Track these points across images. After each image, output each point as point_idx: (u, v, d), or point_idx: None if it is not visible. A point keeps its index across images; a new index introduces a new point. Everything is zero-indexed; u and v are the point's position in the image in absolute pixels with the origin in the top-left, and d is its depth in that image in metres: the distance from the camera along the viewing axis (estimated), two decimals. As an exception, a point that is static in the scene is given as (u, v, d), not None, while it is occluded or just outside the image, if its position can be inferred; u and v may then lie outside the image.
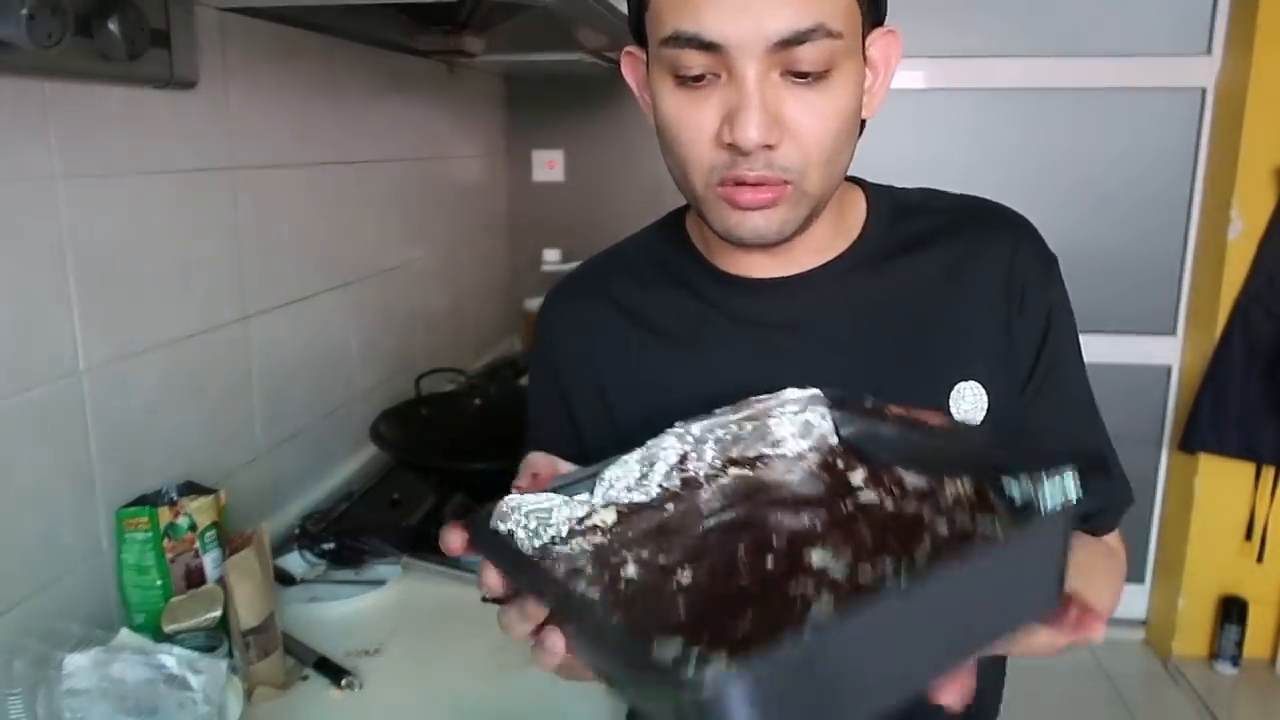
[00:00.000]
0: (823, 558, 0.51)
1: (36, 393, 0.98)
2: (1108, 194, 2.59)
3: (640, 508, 0.57)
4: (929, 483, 0.55)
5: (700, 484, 0.59)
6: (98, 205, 1.05)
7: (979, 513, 0.51)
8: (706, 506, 0.57)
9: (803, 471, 0.60)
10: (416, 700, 1.05)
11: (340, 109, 1.61)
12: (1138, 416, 2.66)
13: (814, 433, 0.62)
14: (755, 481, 0.59)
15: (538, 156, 2.68)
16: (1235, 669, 2.53)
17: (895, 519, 0.54)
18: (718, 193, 0.66)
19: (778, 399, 0.62)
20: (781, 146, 0.63)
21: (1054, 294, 0.75)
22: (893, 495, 0.56)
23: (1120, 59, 2.50)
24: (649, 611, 0.48)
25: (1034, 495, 0.49)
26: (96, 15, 0.95)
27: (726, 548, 0.53)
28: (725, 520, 0.56)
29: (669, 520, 0.56)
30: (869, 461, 0.59)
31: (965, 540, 0.49)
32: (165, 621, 1.02)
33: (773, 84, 0.62)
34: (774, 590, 0.49)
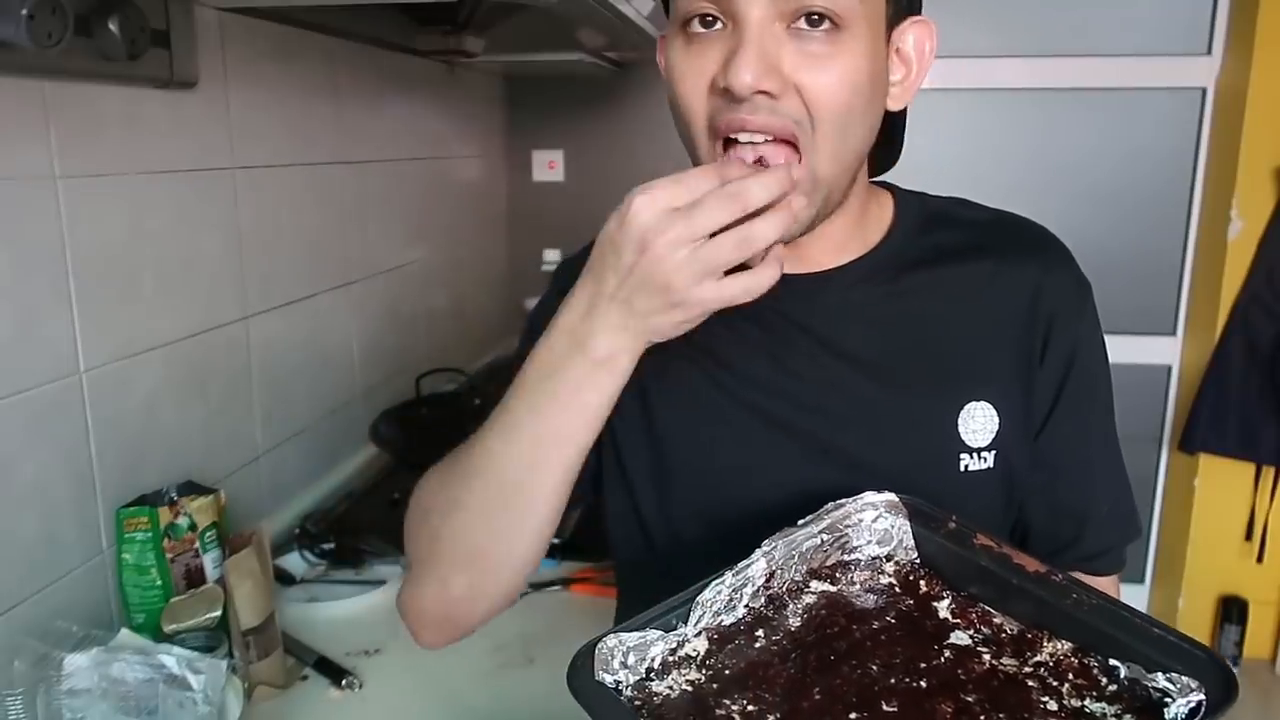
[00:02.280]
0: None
1: (36, 393, 0.98)
2: (1108, 194, 2.59)
3: (731, 634, 0.55)
4: (1022, 630, 0.53)
5: (786, 602, 0.57)
6: (98, 205, 1.05)
7: (1086, 692, 0.49)
8: (796, 638, 0.55)
9: (883, 590, 0.58)
10: (416, 700, 1.05)
11: (340, 109, 1.61)
12: (1138, 416, 2.65)
13: (892, 541, 0.60)
14: (841, 602, 0.57)
15: (538, 156, 2.67)
16: (1235, 669, 2.53)
17: (995, 678, 0.51)
18: (720, 148, 0.63)
19: (855, 503, 0.60)
20: (784, 98, 0.60)
21: (1083, 326, 0.73)
22: (985, 640, 0.54)
23: (1120, 59, 2.50)
24: None
25: (1147, 689, 0.48)
26: (96, 15, 0.95)
27: (833, 710, 0.49)
28: (822, 666, 0.53)
29: (761, 655, 0.54)
30: (952, 588, 0.57)
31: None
32: (165, 621, 1.02)
33: (775, 33, 0.60)
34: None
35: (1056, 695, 0.49)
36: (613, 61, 2.23)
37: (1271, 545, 2.49)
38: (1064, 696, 0.49)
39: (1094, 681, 0.49)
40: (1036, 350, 0.72)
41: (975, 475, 0.71)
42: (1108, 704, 0.48)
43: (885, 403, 0.71)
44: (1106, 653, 0.50)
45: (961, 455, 0.71)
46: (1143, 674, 0.49)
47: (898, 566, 0.59)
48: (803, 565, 0.58)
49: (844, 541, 0.60)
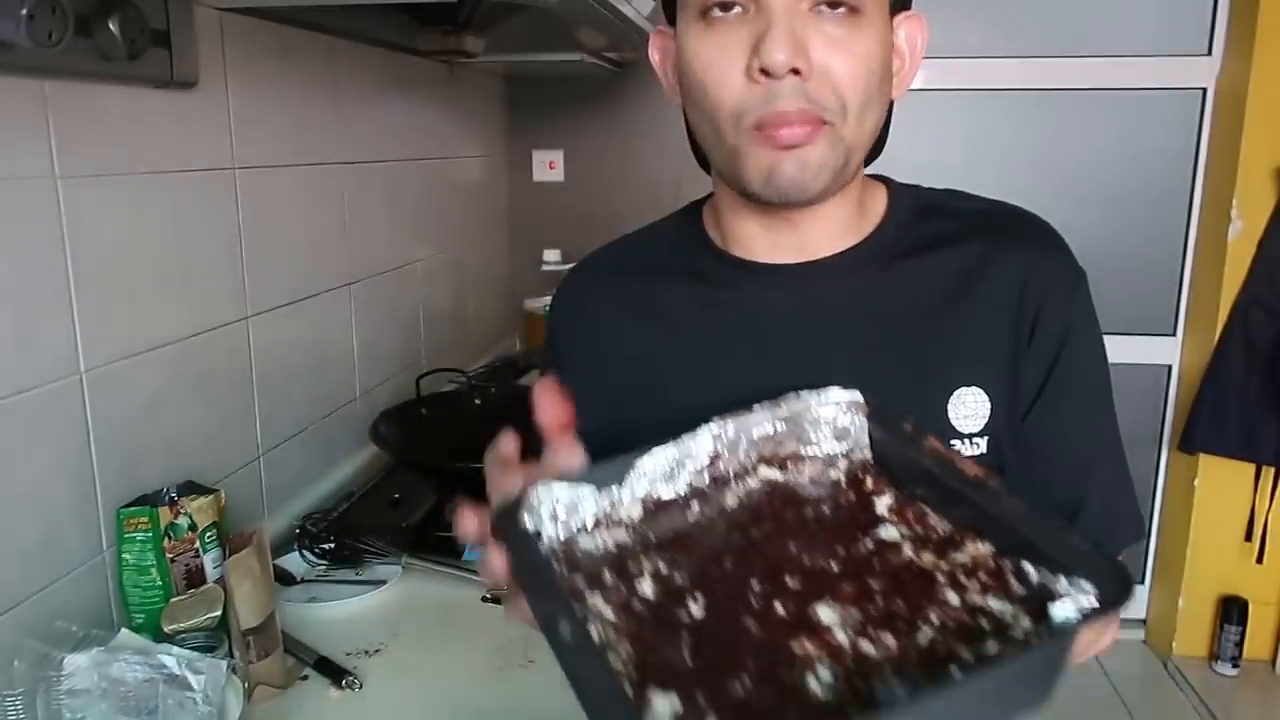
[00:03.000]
0: (830, 616, 0.50)
1: (36, 393, 0.98)
2: (1108, 194, 2.59)
3: (666, 505, 0.56)
4: (952, 532, 0.55)
5: (728, 482, 0.58)
6: (98, 205, 1.05)
7: (991, 591, 0.50)
8: (729, 517, 0.56)
9: (829, 484, 0.59)
10: (416, 700, 1.05)
11: (340, 109, 1.61)
12: (1138, 416, 2.66)
13: (849, 438, 0.61)
14: (782, 489, 0.59)
15: (538, 156, 2.68)
16: (1235, 669, 2.53)
17: (909, 570, 0.53)
18: (753, 136, 0.64)
19: (818, 397, 0.61)
20: (812, 80, 0.62)
21: (1075, 312, 0.73)
22: (913, 536, 0.55)
23: (1120, 59, 2.50)
24: (652, 649, 0.48)
25: (1051, 592, 0.49)
26: (96, 15, 0.95)
27: (740, 579, 0.52)
28: (744, 542, 0.55)
29: (691, 528, 0.56)
30: (897, 488, 0.58)
31: (971, 617, 0.49)
32: (165, 621, 1.02)
33: (800, 14, 0.62)
34: (778, 644, 0.48)
35: (961, 591, 0.50)
36: (613, 61, 2.23)
37: (1271, 545, 2.49)
38: (968, 592, 0.50)
39: (1004, 583, 0.51)
40: (1025, 333, 0.72)
41: None
42: (1009, 603, 0.49)
43: (874, 388, 0.71)
44: (1024, 557, 0.51)
45: (952, 441, 0.71)
46: (1049, 578, 0.50)
47: (850, 464, 0.60)
48: (754, 450, 0.60)
49: (801, 434, 0.61)
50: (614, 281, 0.80)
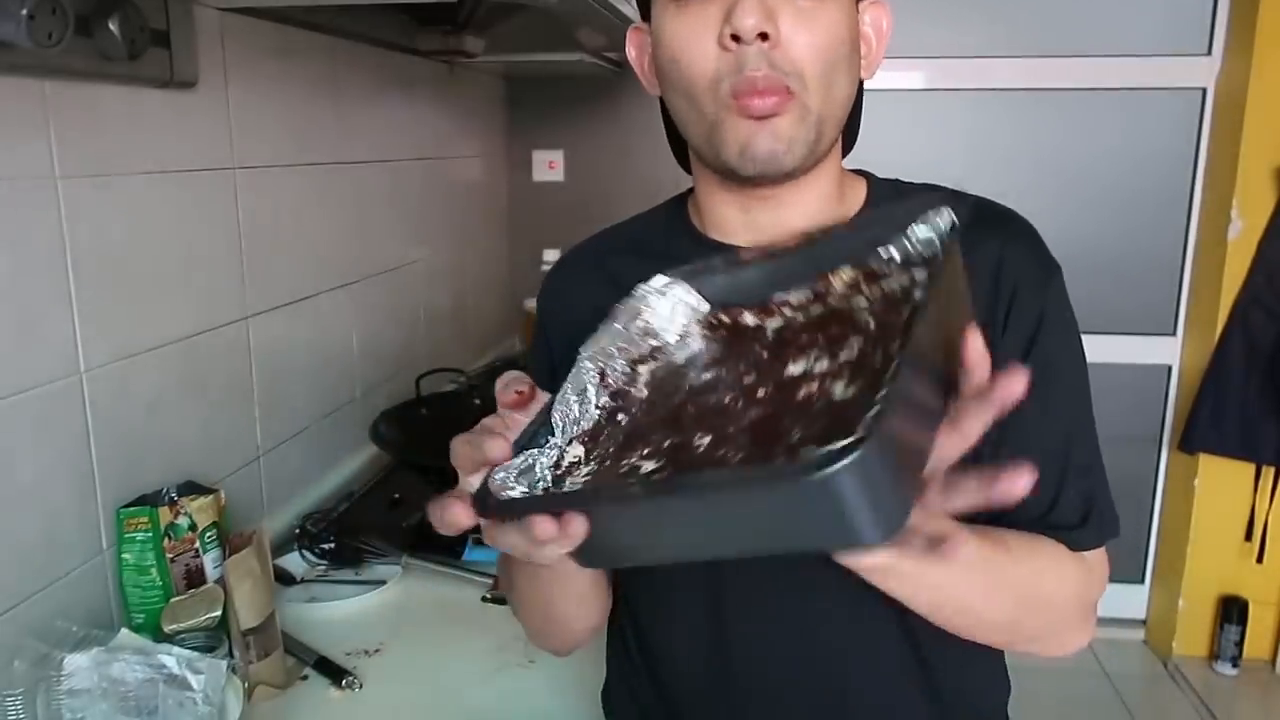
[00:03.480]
0: (799, 365, 0.55)
1: (36, 393, 0.98)
2: (1108, 194, 2.59)
3: (598, 431, 0.59)
4: (813, 288, 0.61)
5: (628, 390, 0.62)
6: (98, 205, 1.05)
7: (879, 281, 0.58)
8: (652, 403, 0.60)
9: (698, 344, 0.64)
10: (416, 700, 1.05)
11: (340, 109, 1.61)
12: (1138, 416, 2.65)
13: (683, 310, 0.66)
14: (668, 367, 0.63)
15: (538, 156, 2.68)
16: (1235, 669, 2.53)
17: (821, 320, 0.59)
18: (730, 107, 0.67)
19: (639, 292, 0.66)
20: (779, 49, 0.65)
21: (1049, 302, 0.73)
22: (797, 310, 0.62)
23: (1120, 59, 2.50)
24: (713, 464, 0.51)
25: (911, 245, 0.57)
26: (96, 15, 0.95)
27: (714, 406, 0.56)
28: (683, 398, 0.59)
29: (635, 424, 0.59)
30: (748, 306, 0.64)
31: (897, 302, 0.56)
32: (165, 621, 1.02)
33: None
34: (790, 405, 0.52)
35: (865, 297, 0.58)
36: (613, 61, 2.23)
37: (1271, 545, 2.49)
38: (869, 296, 0.58)
39: (879, 273, 0.59)
40: (1000, 321, 0.72)
41: None
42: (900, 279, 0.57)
43: None
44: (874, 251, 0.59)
45: None
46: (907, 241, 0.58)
47: (700, 321, 0.66)
48: (622, 358, 0.63)
49: (648, 329, 0.65)
50: (597, 265, 0.82)
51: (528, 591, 0.79)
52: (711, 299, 0.66)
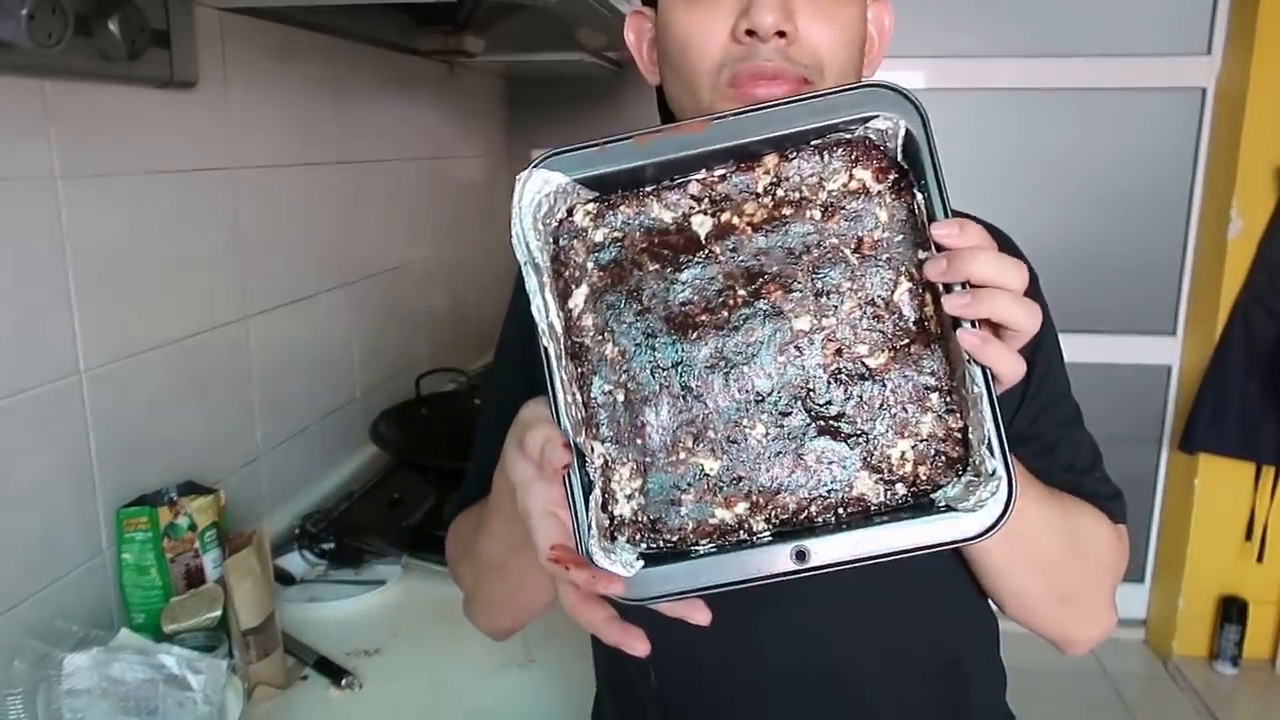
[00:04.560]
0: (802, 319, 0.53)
1: (36, 393, 0.98)
2: (1108, 194, 2.59)
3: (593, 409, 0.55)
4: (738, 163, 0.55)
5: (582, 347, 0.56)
6: (98, 205, 1.05)
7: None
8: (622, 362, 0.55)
9: (603, 243, 0.57)
10: (416, 700, 1.05)
11: (340, 109, 1.61)
12: (1138, 416, 2.65)
13: (566, 197, 0.59)
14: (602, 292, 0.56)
15: (537, 157, 2.67)
16: (1235, 669, 2.53)
17: (771, 225, 0.54)
18: (726, 92, 0.65)
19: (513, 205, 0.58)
20: (796, 42, 0.64)
21: (1036, 297, 0.74)
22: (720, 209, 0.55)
23: (1120, 59, 2.50)
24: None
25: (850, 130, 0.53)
26: (96, 15, 0.95)
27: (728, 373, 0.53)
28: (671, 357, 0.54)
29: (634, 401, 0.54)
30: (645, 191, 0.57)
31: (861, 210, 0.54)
32: (165, 621, 1.02)
33: None
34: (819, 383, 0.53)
35: (812, 205, 0.54)
36: (613, 61, 2.23)
37: (1271, 545, 2.49)
38: (817, 206, 0.54)
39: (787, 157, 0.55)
40: None
41: None
42: (840, 177, 0.54)
43: None
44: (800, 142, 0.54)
45: None
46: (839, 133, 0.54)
47: (591, 214, 0.58)
48: (554, 303, 0.56)
49: (546, 250, 0.58)
50: None
51: (496, 585, 0.78)
52: (598, 187, 0.58)
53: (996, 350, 0.50)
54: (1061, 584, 0.71)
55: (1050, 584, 0.71)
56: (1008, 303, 0.50)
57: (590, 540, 0.52)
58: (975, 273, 0.50)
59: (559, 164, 0.58)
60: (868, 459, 0.53)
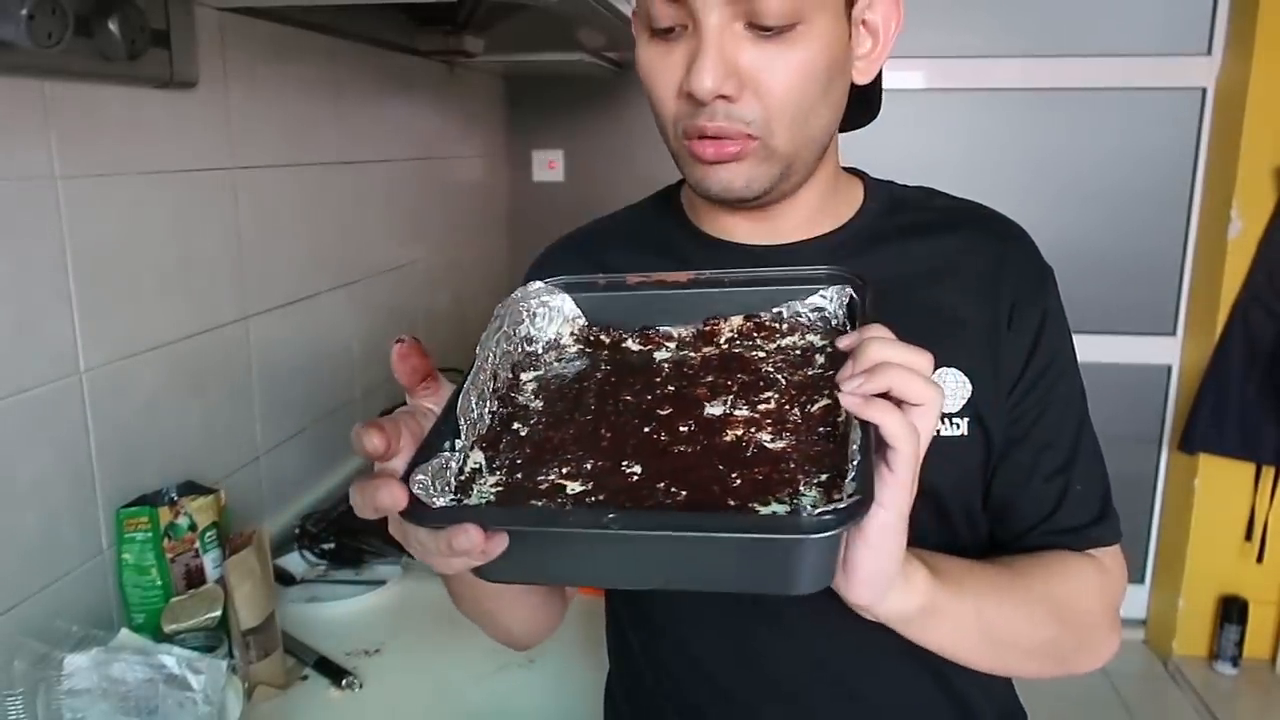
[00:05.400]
0: (718, 407, 0.56)
1: (36, 393, 0.98)
2: (1108, 194, 2.59)
3: (495, 438, 0.58)
4: (698, 328, 0.64)
5: (514, 396, 0.62)
6: (98, 205, 1.05)
7: (773, 337, 0.62)
8: (554, 416, 0.59)
9: (577, 355, 0.65)
10: (416, 700, 1.05)
11: (340, 109, 1.61)
12: (1138, 416, 2.65)
13: (560, 316, 0.67)
14: (558, 380, 0.63)
15: (538, 156, 2.68)
16: (1235, 669, 2.53)
17: (718, 360, 0.61)
18: (684, 146, 0.66)
19: (519, 295, 0.67)
20: (741, 99, 0.63)
21: (1050, 305, 0.74)
22: (680, 346, 0.63)
23: (1120, 59, 2.50)
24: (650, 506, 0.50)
25: (806, 310, 0.62)
26: (96, 15, 0.95)
27: (634, 434, 0.56)
28: (591, 417, 0.58)
29: (541, 437, 0.57)
30: (625, 329, 0.66)
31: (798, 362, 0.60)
32: (165, 621, 1.02)
33: (734, 34, 0.62)
34: (719, 447, 0.53)
35: (760, 349, 0.61)
36: (613, 61, 2.23)
37: (1271, 545, 2.49)
38: (764, 349, 0.61)
39: (771, 328, 0.63)
40: (1003, 317, 0.73)
41: (948, 441, 0.72)
42: (792, 338, 0.61)
43: None
44: (767, 307, 0.63)
45: None
46: (796, 305, 0.63)
47: (574, 334, 0.67)
48: (507, 364, 0.64)
49: (528, 335, 0.66)
50: (587, 255, 0.81)
51: (468, 603, 0.77)
52: (589, 315, 0.67)
53: (882, 407, 0.50)
54: (1060, 650, 0.71)
55: (1051, 659, 0.72)
56: (903, 376, 0.51)
57: (417, 475, 0.52)
58: (875, 356, 0.52)
59: (562, 285, 0.68)
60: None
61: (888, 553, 0.54)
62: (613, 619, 0.89)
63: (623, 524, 0.45)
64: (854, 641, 0.75)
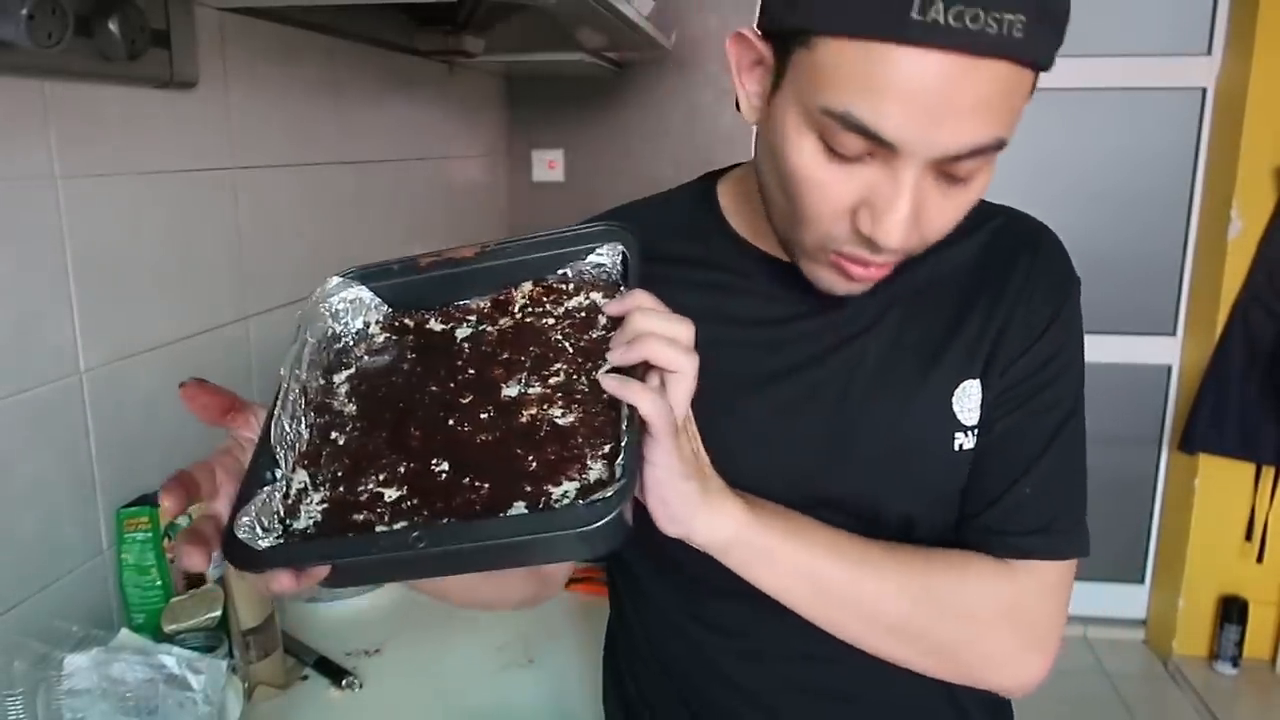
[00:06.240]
0: (514, 388, 0.59)
1: (36, 393, 0.98)
2: (1107, 194, 2.59)
3: (315, 452, 0.59)
4: (494, 298, 0.66)
5: (329, 403, 0.63)
6: (98, 205, 1.05)
7: (560, 299, 0.65)
8: (367, 420, 0.61)
9: (384, 345, 0.66)
10: (416, 700, 1.05)
11: (340, 109, 1.61)
12: (1138, 416, 2.66)
13: (363, 307, 0.68)
14: (366, 375, 0.64)
15: (538, 156, 2.68)
16: (1235, 669, 2.53)
17: (511, 333, 0.63)
18: (829, 259, 0.63)
19: (314, 299, 0.68)
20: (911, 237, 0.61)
21: (1063, 310, 0.72)
22: (479, 320, 0.65)
23: (1120, 59, 2.50)
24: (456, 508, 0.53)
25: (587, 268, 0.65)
26: (96, 15, 0.95)
27: (439, 427, 0.58)
28: (399, 415, 0.60)
29: (357, 445, 0.59)
30: (428, 309, 0.67)
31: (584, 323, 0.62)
32: (165, 621, 1.02)
33: (927, 185, 0.59)
34: (516, 430, 0.56)
35: (550, 316, 0.64)
36: (613, 61, 2.23)
37: (1271, 545, 2.49)
38: (553, 314, 0.64)
39: (559, 290, 0.66)
40: (1016, 318, 0.71)
41: (967, 455, 0.72)
42: (578, 298, 0.65)
43: (884, 382, 0.72)
44: (551, 269, 0.66)
45: (956, 434, 0.71)
46: (578, 261, 0.66)
47: (380, 324, 0.68)
48: (316, 370, 0.64)
49: (327, 332, 0.67)
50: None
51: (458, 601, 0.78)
52: (390, 301, 0.68)
53: (635, 389, 0.54)
54: (931, 642, 0.68)
55: (918, 647, 0.69)
56: (659, 345, 0.55)
57: (242, 518, 0.53)
58: (637, 327, 0.56)
59: (358, 276, 0.70)
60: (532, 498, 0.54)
61: (674, 494, 0.59)
62: (616, 621, 0.89)
63: (428, 542, 0.49)
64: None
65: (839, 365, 0.72)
